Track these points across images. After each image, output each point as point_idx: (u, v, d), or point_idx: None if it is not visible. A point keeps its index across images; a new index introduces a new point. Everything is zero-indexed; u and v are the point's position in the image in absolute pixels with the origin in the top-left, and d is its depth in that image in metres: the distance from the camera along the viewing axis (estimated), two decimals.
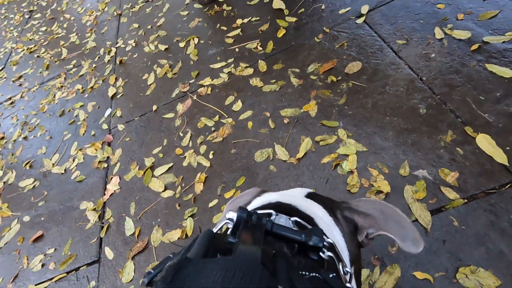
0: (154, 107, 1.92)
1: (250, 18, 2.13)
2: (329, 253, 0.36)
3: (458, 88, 1.29)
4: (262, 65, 1.78)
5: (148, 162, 1.65)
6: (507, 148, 1.09)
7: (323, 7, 1.91)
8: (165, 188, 1.52)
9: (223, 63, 1.94)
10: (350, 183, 1.21)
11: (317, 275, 0.31)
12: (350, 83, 1.49)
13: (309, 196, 0.59)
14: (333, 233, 0.50)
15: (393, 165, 1.20)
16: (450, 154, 1.15)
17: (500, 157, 1.08)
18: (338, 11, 1.83)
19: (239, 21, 2.14)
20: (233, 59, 1.93)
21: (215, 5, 2.40)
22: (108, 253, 1.42)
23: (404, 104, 1.34)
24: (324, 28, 1.78)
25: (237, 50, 1.97)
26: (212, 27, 2.24)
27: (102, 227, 1.52)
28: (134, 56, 2.40)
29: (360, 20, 1.72)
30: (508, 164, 1.06)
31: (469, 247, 0.97)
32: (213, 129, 1.64)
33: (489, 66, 1.29)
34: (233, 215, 0.36)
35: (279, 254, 0.29)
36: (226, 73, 1.86)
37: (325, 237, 0.37)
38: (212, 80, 1.87)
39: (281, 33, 1.90)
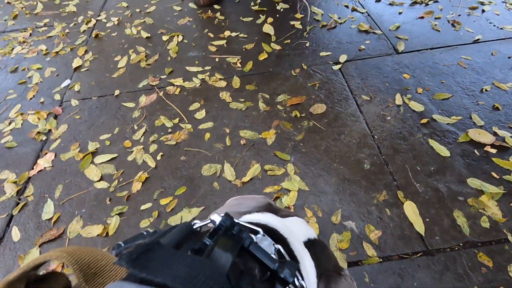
0: (116, 92, 1.83)
1: (238, 33, 2.15)
2: None
3: (401, 154, 1.40)
4: (236, 82, 1.80)
5: (92, 146, 1.55)
6: (427, 219, 1.19)
7: (307, 44, 2.00)
8: (101, 178, 1.43)
9: (200, 69, 1.92)
10: None
11: None
12: (311, 122, 1.56)
13: (308, 244, 0.55)
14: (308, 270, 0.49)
15: (328, 211, 1.25)
16: (379, 213, 1.23)
17: (419, 226, 1.17)
18: (319, 53, 1.93)
19: (227, 33, 2.16)
20: (210, 67, 1.92)
21: (210, 10, 2.40)
22: (15, 234, 1.29)
23: (352, 155, 1.41)
24: (303, 64, 1.86)
25: (217, 59, 1.97)
26: (200, 30, 2.23)
27: (18, 204, 1.38)
28: (113, 34, 2.30)
29: (336, 67, 1.82)
30: (423, 234, 1.15)
31: None
32: (169, 130, 1.60)
33: (431, 141, 1.43)
34: (217, 218, 0.35)
35: (247, 273, 0.29)
36: (200, 79, 1.85)
37: (299, 278, 0.36)
38: (183, 81, 1.85)
39: (263, 56, 1.94)
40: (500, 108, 1.53)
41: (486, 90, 1.62)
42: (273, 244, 0.40)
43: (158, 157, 1.48)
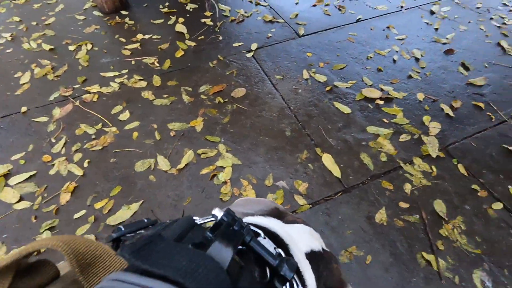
0: (23, 109, 1.68)
1: (151, 35, 2.17)
2: None
3: (314, 118, 1.62)
4: (157, 80, 1.82)
5: (3, 169, 1.41)
6: (342, 165, 1.41)
7: (220, 38, 2.12)
8: (20, 199, 1.31)
9: (116, 73, 1.88)
10: (223, 192, 1.32)
11: None
12: (234, 105, 1.68)
13: (310, 255, 0.52)
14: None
15: (261, 177, 1.38)
16: (304, 169, 1.41)
17: (336, 172, 1.39)
18: (232, 44, 2.07)
19: (139, 36, 2.16)
20: (127, 70, 1.90)
21: (117, 17, 2.35)
22: None
23: (275, 127, 1.58)
24: (219, 56, 1.97)
25: (133, 62, 1.96)
26: (110, 36, 2.17)
27: None
28: (8, 50, 2.08)
29: (249, 54, 1.98)
30: (340, 177, 1.37)
31: None
32: (93, 137, 1.54)
33: (336, 103, 1.68)
34: (219, 213, 0.35)
35: (247, 269, 0.29)
36: (118, 83, 1.81)
37: (298, 284, 0.35)
38: (100, 87, 1.79)
39: (179, 54, 2.00)
40: (382, 70, 1.88)
41: (370, 57, 1.97)
42: (274, 248, 0.39)
43: (85, 165, 1.42)
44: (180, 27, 2.21)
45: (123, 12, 2.40)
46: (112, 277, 0.21)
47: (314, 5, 2.45)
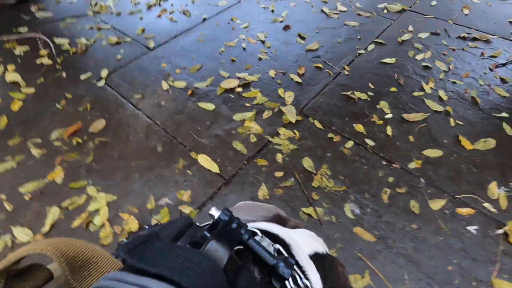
0: None
1: None
2: None
3: (183, 125, 1.61)
4: None
5: None
6: (218, 160, 1.45)
7: (64, 75, 1.92)
8: None
9: None
10: (102, 236, 1.21)
11: None
12: (96, 140, 1.55)
13: (314, 257, 0.50)
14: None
15: (141, 203, 1.31)
16: (184, 177, 1.39)
17: (215, 168, 1.42)
18: (80, 77, 1.90)
19: None
20: None
21: None
22: None
23: (145, 147, 1.52)
24: (66, 94, 1.79)
25: None
26: None
27: None
28: None
29: (101, 83, 1.85)
30: (220, 172, 1.40)
31: None
32: None
33: (200, 104, 1.71)
34: (216, 213, 0.34)
35: (245, 268, 0.28)
36: None
37: (301, 277, 0.34)
38: None
39: (16, 106, 1.74)
40: (235, 59, 1.99)
41: (222, 51, 2.06)
42: (272, 245, 0.38)
43: None
44: (12, 76, 1.92)
45: None
46: (109, 277, 0.21)
47: (159, 16, 2.43)
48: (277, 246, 0.38)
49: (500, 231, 1.18)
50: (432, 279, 1.08)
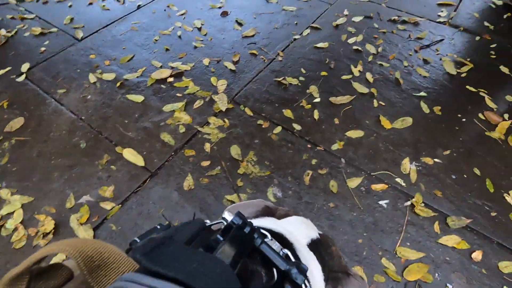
0: None
1: None
2: None
3: (110, 119, 1.56)
4: None
5: None
6: (144, 153, 1.42)
7: None
8: None
9: None
10: (15, 240, 1.16)
11: None
12: (12, 140, 1.45)
13: (311, 245, 0.55)
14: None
15: (60, 203, 1.26)
16: (107, 173, 1.35)
17: (140, 161, 1.39)
18: None
19: None
20: None
21: None
22: None
23: (67, 144, 1.45)
24: None
25: None
26: None
27: None
28: None
29: (21, 78, 1.73)
30: (145, 165, 1.38)
31: (123, 240, 1.17)
32: None
33: (129, 96, 1.65)
34: (229, 216, 0.36)
35: (257, 273, 0.30)
36: None
37: (306, 284, 0.35)
38: None
39: None
40: (169, 48, 1.93)
41: (156, 40, 1.99)
42: (281, 249, 0.39)
43: None
44: None
45: None
46: (125, 278, 0.22)
47: (91, 3, 2.29)
48: (286, 251, 0.40)
49: (408, 203, 1.27)
50: (343, 252, 1.14)
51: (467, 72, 1.80)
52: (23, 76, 1.74)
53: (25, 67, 1.79)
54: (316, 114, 1.57)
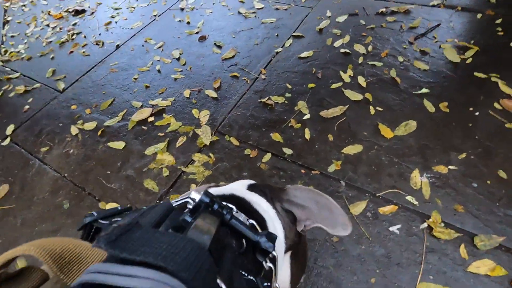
0: None
1: None
2: (270, 264, 0.37)
3: (92, 172, 1.49)
4: None
5: None
6: (128, 205, 1.33)
7: None
8: None
9: None
10: None
11: (253, 279, 0.31)
12: None
13: (250, 188, 0.59)
14: (275, 226, 0.52)
15: None
16: None
17: None
18: None
19: None
20: None
21: None
22: None
23: (50, 206, 1.39)
24: None
25: None
26: None
27: None
28: None
29: (6, 142, 1.71)
30: None
31: None
32: None
33: (110, 144, 1.58)
34: (196, 196, 0.36)
35: (227, 247, 0.30)
36: None
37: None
38: None
39: None
40: (149, 85, 1.87)
41: (135, 78, 1.93)
42: (247, 220, 0.40)
43: None
44: None
45: None
46: (91, 270, 0.21)
47: (71, 52, 2.28)
48: (252, 221, 0.41)
49: (424, 225, 1.09)
50: None
51: (472, 57, 1.60)
52: (8, 139, 1.72)
53: (9, 129, 1.78)
54: (307, 133, 1.43)
